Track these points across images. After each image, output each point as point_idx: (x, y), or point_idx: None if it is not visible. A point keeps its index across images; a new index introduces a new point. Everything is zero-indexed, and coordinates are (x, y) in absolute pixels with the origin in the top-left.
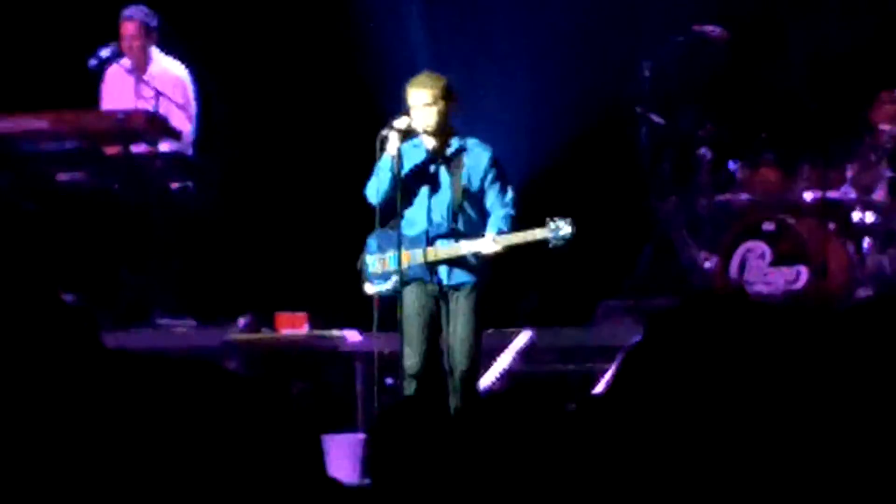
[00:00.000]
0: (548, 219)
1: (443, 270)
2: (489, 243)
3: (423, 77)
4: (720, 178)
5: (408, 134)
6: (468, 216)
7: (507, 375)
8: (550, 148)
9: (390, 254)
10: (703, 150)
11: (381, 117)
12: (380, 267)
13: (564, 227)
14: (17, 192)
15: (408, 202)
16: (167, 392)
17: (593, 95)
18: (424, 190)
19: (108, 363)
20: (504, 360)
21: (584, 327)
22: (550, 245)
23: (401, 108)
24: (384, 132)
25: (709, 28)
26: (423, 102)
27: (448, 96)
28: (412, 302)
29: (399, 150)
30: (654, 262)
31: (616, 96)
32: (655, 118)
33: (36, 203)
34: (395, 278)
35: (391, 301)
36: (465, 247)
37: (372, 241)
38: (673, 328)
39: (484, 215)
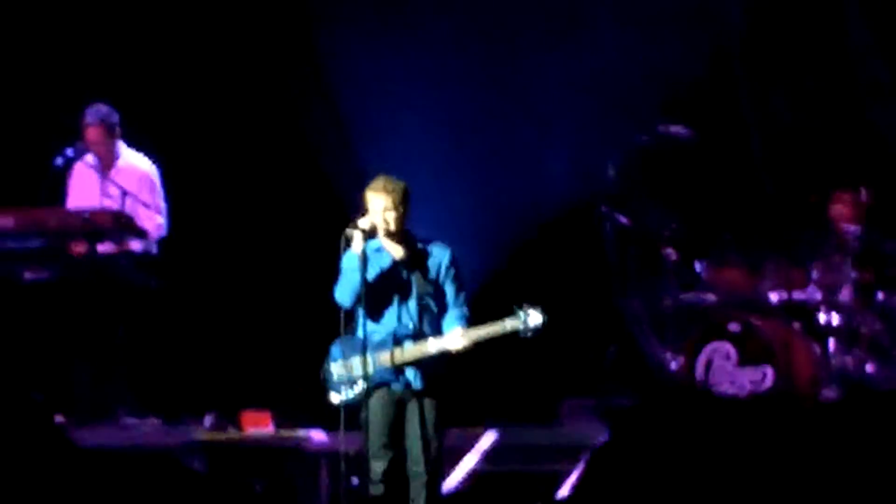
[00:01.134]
0: (516, 307)
1: (410, 374)
2: (457, 339)
3: (381, 181)
4: (685, 277)
5: (370, 234)
6: (432, 316)
7: (472, 476)
8: (515, 246)
9: (354, 359)
10: (668, 250)
11: (346, 217)
12: (344, 374)
13: (535, 316)
14: None
15: (371, 305)
16: (133, 490)
17: (558, 194)
18: (389, 293)
19: (78, 460)
20: (469, 461)
21: (548, 426)
22: (521, 335)
23: (362, 208)
24: (348, 231)
25: (674, 128)
26: (383, 207)
27: (406, 200)
28: (377, 406)
29: (363, 249)
30: (618, 361)
31: (581, 196)
32: (620, 217)
33: (1, 301)
34: (360, 384)
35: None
36: (433, 345)
37: (335, 349)
38: (635, 426)
39: (443, 314)
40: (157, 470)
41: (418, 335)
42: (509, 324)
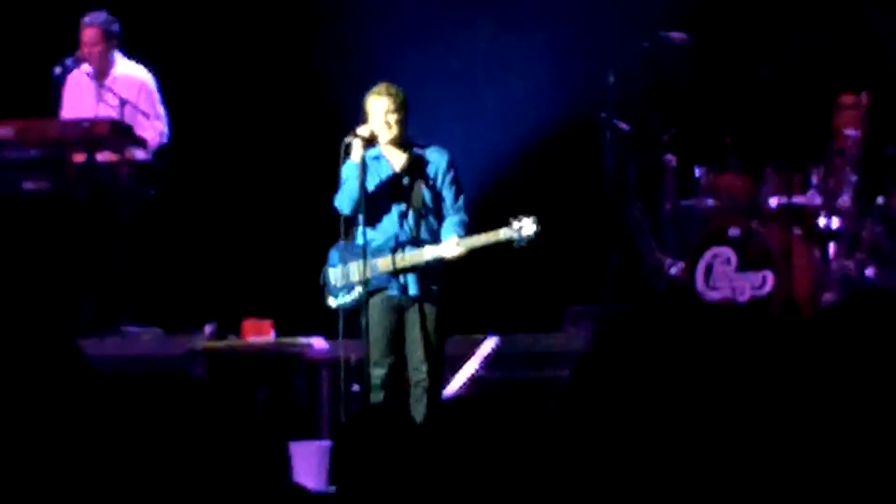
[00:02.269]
0: (511, 218)
1: (408, 280)
2: (452, 247)
3: (383, 87)
4: (685, 183)
5: (370, 142)
6: (430, 223)
7: (473, 382)
8: (515, 154)
9: (353, 265)
10: (668, 156)
11: (343, 126)
12: (342, 279)
13: (528, 226)
14: None
15: (370, 212)
16: (132, 399)
17: (558, 101)
18: (387, 200)
19: (85, 371)
20: (470, 367)
21: (550, 333)
22: (515, 245)
23: (361, 117)
24: (347, 139)
25: (673, 34)
26: (384, 110)
27: (406, 106)
28: (377, 313)
29: (363, 157)
30: (620, 268)
31: (581, 102)
32: (620, 124)
33: (1, 211)
34: (358, 289)
35: (356, 309)
36: (429, 252)
37: (334, 254)
38: (623, 332)
39: (442, 220)
40: (159, 378)
41: (416, 242)
42: (503, 233)
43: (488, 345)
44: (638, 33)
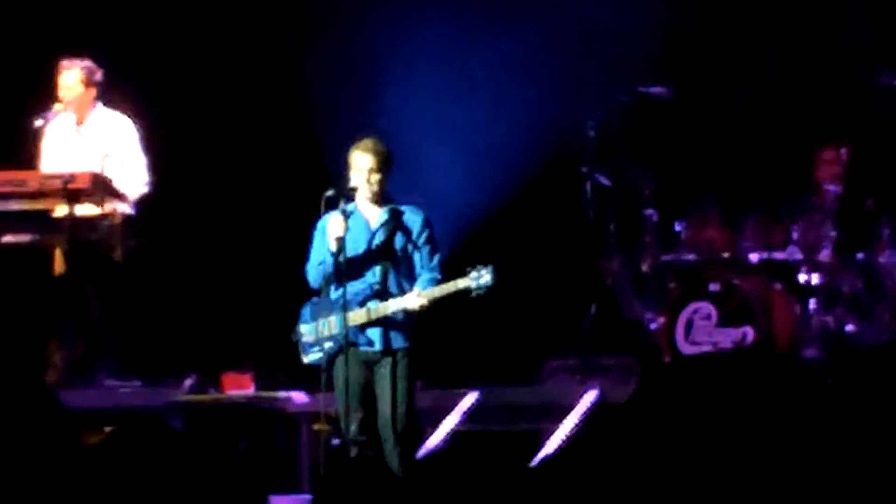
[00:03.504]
0: (468, 268)
1: (375, 336)
2: (413, 299)
3: (369, 142)
4: (666, 237)
5: (349, 197)
6: (399, 280)
7: (452, 436)
8: (495, 206)
9: (323, 321)
10: (648, 211)
11: (325, 179)
12: (313, 335)
13: (485, 275)
14: None
15: (341, 268)
16: (114, 450)
17: (538, 154)
18: (360, 255)
19: (63, 420)
20: (450, 421)
21: (529, 386)
22: (472, 294)
23: (343, 168)
24: (328, 193)
25: (653, 88)
26: (367, 167)
27: (389, 164)
28: (346, 368)
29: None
30: (599, 321)
31: (561, 156)
32: (601, 178)
33: None
34: (328, 345)
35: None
36: (393, 305)
37: (306, 311)
38: (663, 385)
39: (413, 279)
40: (139, 431)
41: (383, 296)
42: (462, 283)
43: (469, 399)
44: (618, 87)
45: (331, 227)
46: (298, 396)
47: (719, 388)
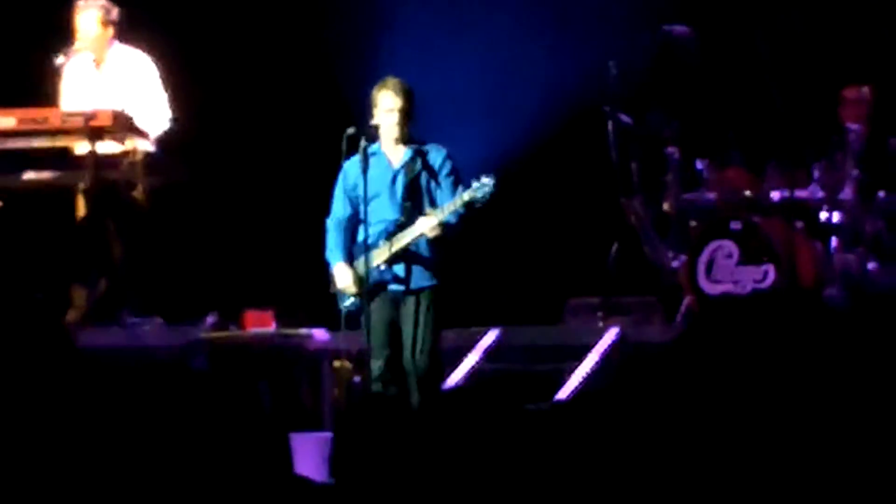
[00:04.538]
0: (472, 179)
1: (401, 274)
2: (423, 222)
3: (392, 81)
4: (687, 177)
5: (371, 138)
6: (422, 214)
7: (473, 374)
8: (518, 146)
9: (354, 265)
10: (670, 150)
11: (349, 116)
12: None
13: (485, 181)
14: None
15: (368, 210)
16: (135, 392)
17: (561, 94)
18: (384, 197)
19: (78, 361)
20: (471, 359)
21: (551, 326)
22: (477, 204)
23: (363, 107)
24: (349, 131)
25: (676, 27)
26: (390, 107)
27: (413, 103)
28: (375, 307)
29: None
30: (621, 260)
31: (584, 95)
32: (623, 117)
33: (3, 201)
34: (360, 287)
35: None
36: (408, 234)
37: None
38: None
39: None
40: (160, 371)
41: (404, 230)
42: (466, 195)
43: (489, 337)
44: (640, 26)
45: (339, 281)
46: (320, 334)
47: (747, 330)
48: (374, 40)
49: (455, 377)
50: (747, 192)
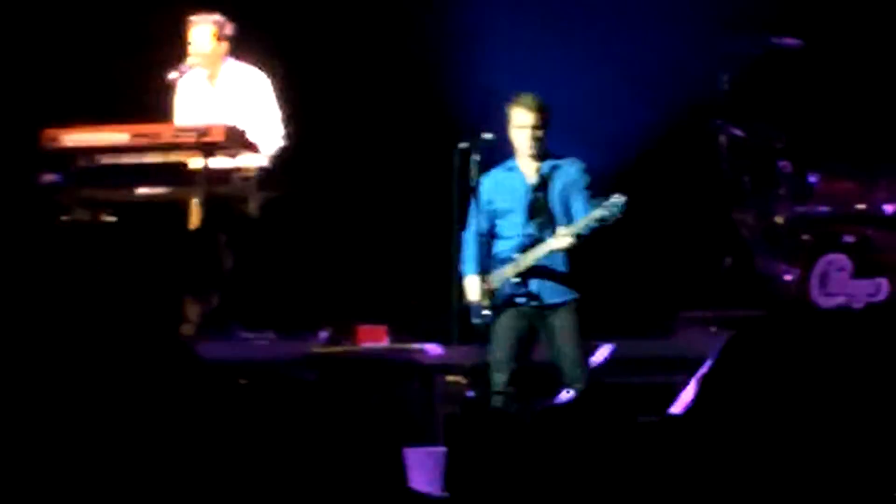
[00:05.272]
0: (601, 199)
1: (537, 289)
2: (558, 237)
3: (525, 97)
4: (799, 189)
5: (480, 151)
6: (556, 231)
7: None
8: (629, 159)
9: (487, 279)
10: (782, 162)
11: (460, 130)
12: (479, 296)
13: (617, 199)
14: (96, 205)
15: (503, 224)
16: (250, 405)
17: (672, 107)
18: (517, 211)
19: (200, 372)
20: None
21: (663, 339)
22: (608, 220)
23: (478, 122)
24: (461, 145)
25: (786, 39)
26: (523, 123)
27: (548, 120)
28: (504, 320)
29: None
30: (733, 274)
31: (695, 108)
32: (734, 130)
33: (116, 216)
34: (491, 302)
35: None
36: (540, 250)
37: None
38: (757, 339)
39: None
40: (273, 384)
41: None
42: (598, 213)
43: (604, 351)
44: (750, 40)
45: (470, 293)
46: (433, 348)
47: (854, 343)
48: (480, 54)
49: (568, 390)
50: (859, 205)
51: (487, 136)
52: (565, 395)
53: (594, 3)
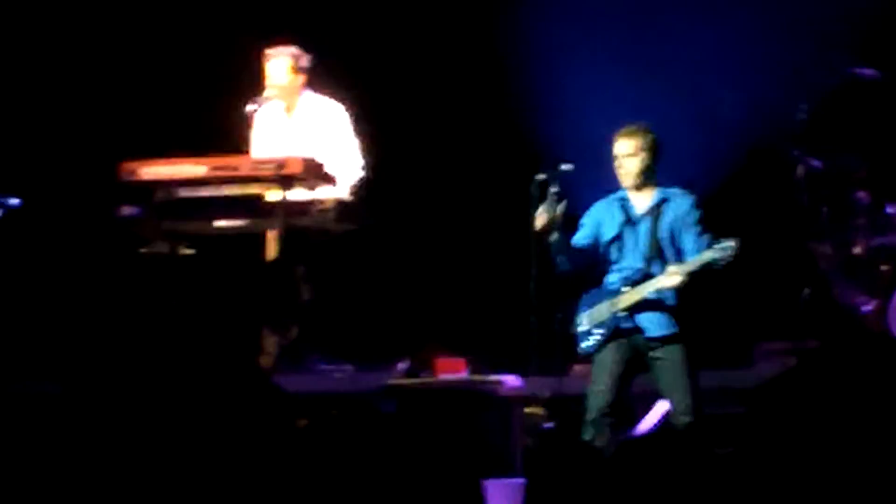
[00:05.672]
0: (713, 241)
1: (644, 322)
2: (669, 275)
3: (627, 128)
4: (877, 220)
5: (559, 182)
6: (665, 265)
7: (665, 419)
8: (707, 190)
9: (594, 309)
10: (860, 193)
11: (541, 159)
12: (587, 324)
13: (728, 244)
14: (175, 238)
15: (613, 254)
16: (329, 434)
17: (749, 138)
18: (624, 241)
19: (280, 402)
20: (663, 405)
21: (741, 369)
22: (719, 264)
23: (557, 152)
24: (539, 177)
25: (865, 70)
26: (624, 153)
27: (652, 149)
28: (607, 352)
29: (549, 223)
30: (811, 304)
31: (773, 138)
32: (812, 161)
33: (195, 248)
34: (598, 332)
35: (552, 345)
36: (650, 286)
37: (583, 300)
38: (817, 367)
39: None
40: (351, 413)
41: (646, 279)
42: (707, 255)
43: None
44: (828, 70)
45: (537, 219)
46: (511, 380)
47: None
48: (561, 85)
49: (646, 423)
50: None
51: (566, 166)
52: (653, 416)
53: (673, 36)
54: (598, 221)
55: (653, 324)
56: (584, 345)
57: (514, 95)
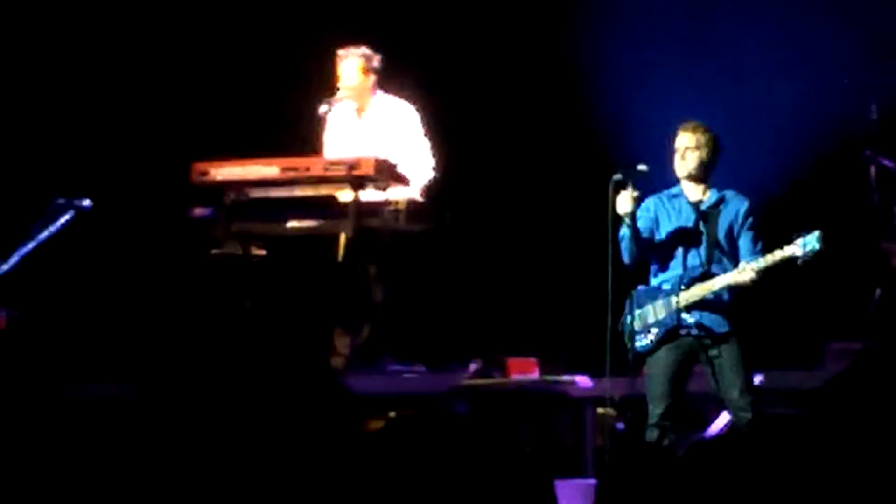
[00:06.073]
0: (794, 235)
1: (701, 320)
2: (742, 272)
3: (692, 123)
4: None
5: (638, 177)
6: (723, 264)
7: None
8: (778, 190)
9: (648, 307)
10: None
11: (614, 161)
12: (640, 323)
13: (812, 242)
14: (247, 239)
15: (666, 251)
16: (398, 435)
17: (821, 139)
18: (682, 240)
19: (348, 403)
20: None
21: (812, 370)
22: (799, 261)
23: (627, 155)
24: (616, 177)
25: None
26: (686, 146)
27: (712, 147)
28: (663, 353)
29: (633, 209)
30: (883, 304)
31: (845, 139)
32: (885, 161)
33: (267, 249)
34: (654, 331)
35: (623, 346)
36: (719, 281)
37: (633, 299)
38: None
39: (736, 265)
40: (422, 415)
41: (706, 277)
42: (787, 250)
43: (721, 420)
44: None
45: (619, 202)
46: (583, 380)
47: None
48: (636, 86)
49: (717, 425)
50: None
51: (642, 167)
52: (723, 419)
53: (744, 38)
54: (653, 217)
55: (709, 321)
56: (638, 344)
57: (594, 95)
